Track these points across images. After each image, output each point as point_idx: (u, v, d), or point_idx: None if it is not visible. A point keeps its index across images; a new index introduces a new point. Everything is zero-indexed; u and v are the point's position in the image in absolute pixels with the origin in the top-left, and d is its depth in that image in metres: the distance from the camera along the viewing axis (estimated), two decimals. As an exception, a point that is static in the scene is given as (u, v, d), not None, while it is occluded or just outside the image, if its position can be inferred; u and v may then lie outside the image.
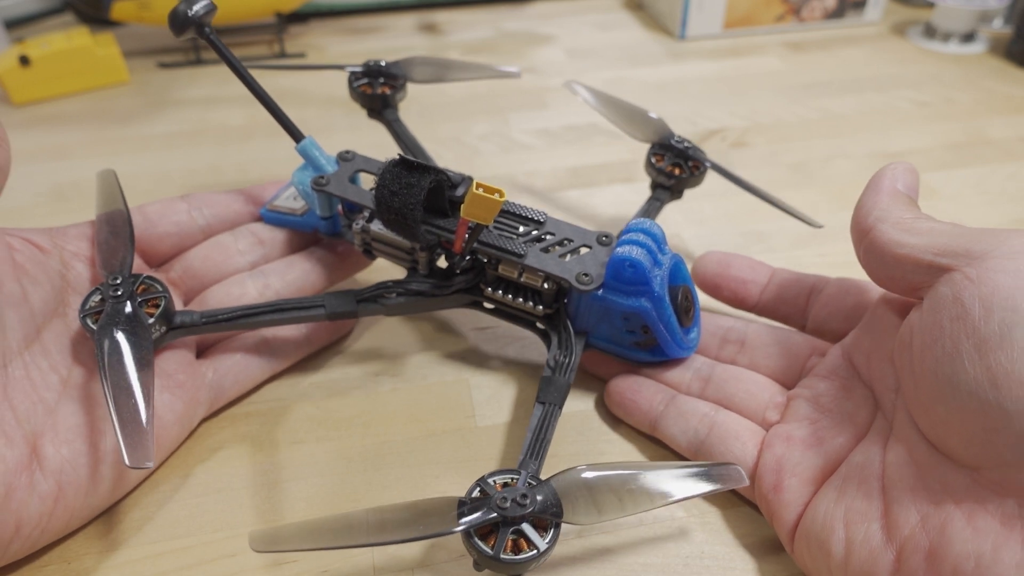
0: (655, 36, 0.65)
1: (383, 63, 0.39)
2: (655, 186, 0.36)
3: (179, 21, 0.28)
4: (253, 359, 0.31)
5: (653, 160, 0.36)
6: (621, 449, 0.30)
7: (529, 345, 0.34)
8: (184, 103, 0.55)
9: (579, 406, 0.31)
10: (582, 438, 0.30)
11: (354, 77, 0.39)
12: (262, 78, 0.33)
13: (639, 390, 0.30)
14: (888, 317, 0.26)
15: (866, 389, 0.26)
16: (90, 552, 0.26)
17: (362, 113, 0.39)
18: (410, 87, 0.40)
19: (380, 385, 0.32)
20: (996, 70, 0.58)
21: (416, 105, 0.53)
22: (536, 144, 0.50)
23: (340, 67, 0.39)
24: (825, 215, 0.39)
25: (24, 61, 0.53)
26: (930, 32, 0.63)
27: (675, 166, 0.35)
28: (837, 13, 0.65)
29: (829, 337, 0.30)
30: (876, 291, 0.29)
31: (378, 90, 0.38)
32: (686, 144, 0.35)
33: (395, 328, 0.35)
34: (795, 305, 0.31)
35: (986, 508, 0.20)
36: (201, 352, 0.31)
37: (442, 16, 0.70)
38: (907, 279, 0.23)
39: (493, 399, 0.32)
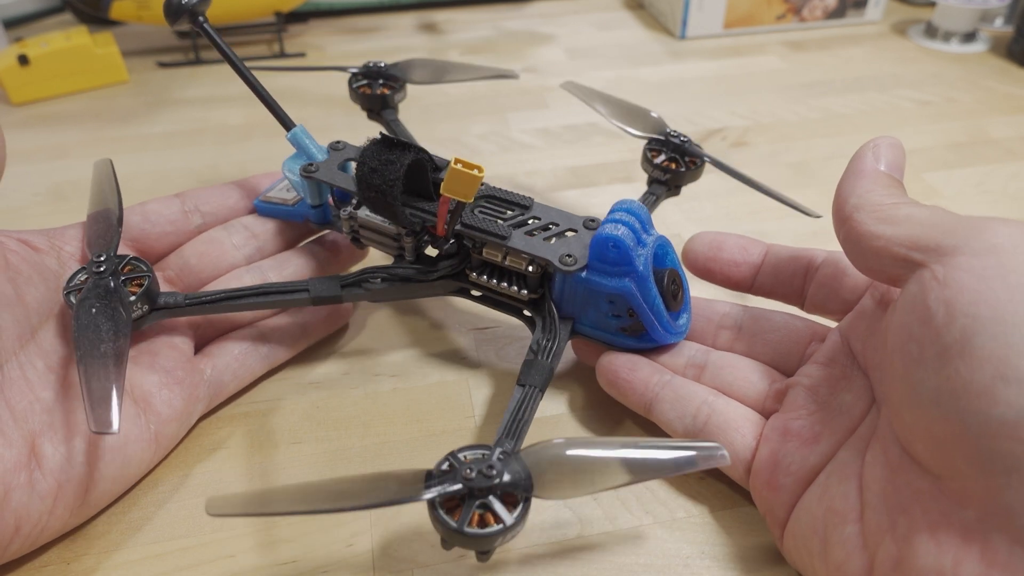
0: (655, 35, 0.65)
1: (383, 64, 0.39)
2: (651, 182, 0.36)
3: (173, 9, 0.28)
4: (251, 353, 0.31)
5: (649, 155, 0.35)
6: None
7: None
8: (183, 102, 0.55)
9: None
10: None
11: (354, 78, 0.39)
12: (262, 78, 0.33)
13: (634, 369, 0.28)
14: (880, 304, 0.25)
15: (865, 378, 0.25)
16: (89, 552, 0.26)
17: (361, 113, 0.39)
18: (410, 87, 0.40)
19: (380, 385, 0.32)
20: (997, 69, 0.58)
21: (416, 105, 0.53)
22: (536, 144, 0.50)
23: (343, 68, 0.40)
24: (826, 215, 0.39)
25: (23, 60, 0.53)
26: (931, 31, 0.63)
27: (671, 161, 0.35)
28: (838, 12, 0.65)
29: (829, 316, 0.29)
30: None
31: (377, 91, 0.38)
32: (683, 139, 0.35)
33: (395, 328, 0.35)
34: (792, 285, 0.30)
35: (949, 519, 0.19)
36: (199, 349, 0.31)
37: (442, 16, 0.70)
38: (885, 271, 0.22)
39: (493, 399, 0.31)
